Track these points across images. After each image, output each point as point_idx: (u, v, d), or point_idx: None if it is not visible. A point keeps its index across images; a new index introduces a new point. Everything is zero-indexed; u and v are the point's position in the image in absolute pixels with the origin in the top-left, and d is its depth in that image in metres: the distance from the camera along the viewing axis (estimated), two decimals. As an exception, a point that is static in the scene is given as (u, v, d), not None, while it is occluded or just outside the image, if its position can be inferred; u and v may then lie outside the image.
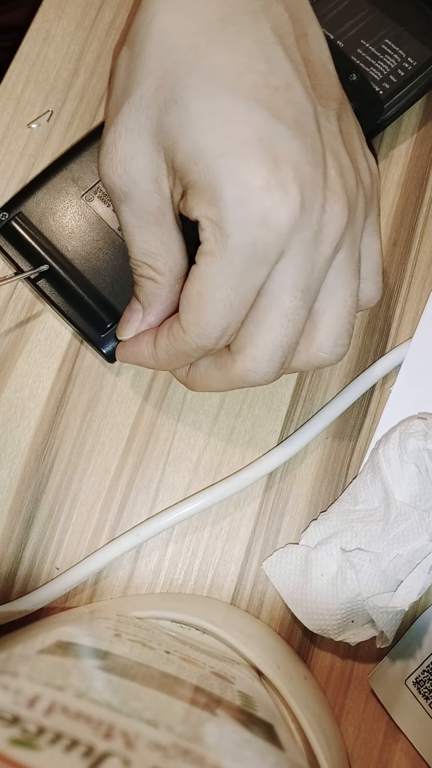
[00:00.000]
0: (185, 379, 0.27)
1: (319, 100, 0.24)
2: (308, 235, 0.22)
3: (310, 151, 0.22)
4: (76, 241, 0.31)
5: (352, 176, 0.24)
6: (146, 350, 0.27)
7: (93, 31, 0.35)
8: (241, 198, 0.21)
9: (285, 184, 0.21)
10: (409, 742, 0.29)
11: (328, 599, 0.29)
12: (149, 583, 0.31)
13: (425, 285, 0.34)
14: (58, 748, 0.14)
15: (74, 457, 0.31)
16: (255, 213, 0.21)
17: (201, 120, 0.22)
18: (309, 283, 0.23)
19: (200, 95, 0.22)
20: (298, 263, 0.23)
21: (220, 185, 0.21)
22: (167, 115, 0.22)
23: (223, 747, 0.17)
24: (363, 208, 0.25)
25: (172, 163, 0.23)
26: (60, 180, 0.31)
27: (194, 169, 0.22)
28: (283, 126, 0.22)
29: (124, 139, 0.24)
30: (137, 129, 0.23)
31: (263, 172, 0.21)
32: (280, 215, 0.21)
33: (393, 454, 0.30)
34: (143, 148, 0.23)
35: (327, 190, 0.23)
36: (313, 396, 0.32)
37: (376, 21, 0.34)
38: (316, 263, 0.23)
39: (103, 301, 0.30)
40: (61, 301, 0.31)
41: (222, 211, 0.22)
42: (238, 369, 0.24)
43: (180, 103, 0.22)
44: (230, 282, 0.22)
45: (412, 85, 0.33)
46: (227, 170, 0.21)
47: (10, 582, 0.30)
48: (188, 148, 0.22)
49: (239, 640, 0.27)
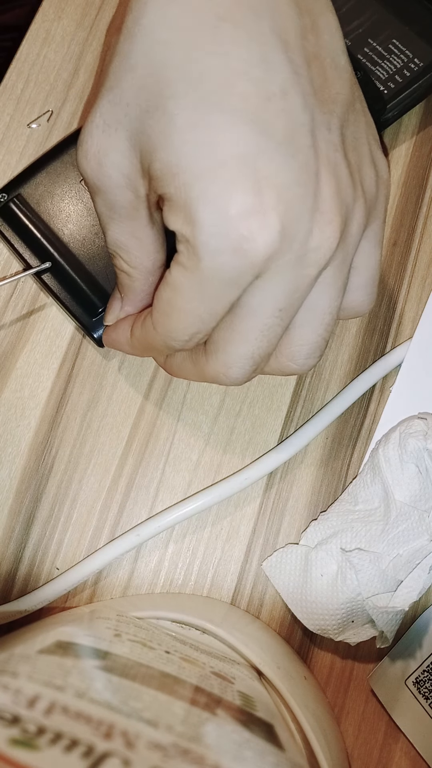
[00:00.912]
0: (163, 364, 0.28)
1: (320, 106, 0.22)
2: (290, 259, 0.21)
3: (299, 170, 0.21)
4: (72, 225, 0.31)
5: (350, 192, 0.23)
6: (123, 337, 0.27)
7: (93, 31, 0.35)
8: (216, 223, 0.20)
9: (265, 210, 0.20)
10: (409, 742, 0.29)
11: (328, 599, 0.29)
12: (149, 583, 0.31)
13: (425, 285, 0.34)
14: (58, 748, 0.14)
15: (74, 457, 0.31)
16: (230, 241, 0.20)
17: (183, 134, 0.21)
18: (289, 303, 0.23)
19: (185, 106, 0.21)
20: (278, 284, 0.22)
21: (195, 207, 0.20)
22: (149, 119, 0.21)
23: (223, 747, 0.17)
24: (362, 220, 0.23)
25: (149, 168, 0.22)
26: (60, 164, 0.31)
27: (172, 184, 0.21)
28: (271, 143, 0.20)
29: (100, 133, 0.23)
30: (114, 125, 0.22)
31: (242, 197, 0.20)
32: (256, 245, 0.20)
33: (393, 454, 0.30)
34: (118, 145, 0.23)
35: (317, 213, 0.22)
36: (313, 396, 0.32)
37: (383, 21, 0.34)
38: (299, 285, 0.22)
39: (96, 286, 0.30)
40: (54, 283, 0.31)
41: (196, 232, 0.21)
42: (210, 370, 0.25)
43: (163, 111, 0.21)
44: (200, 297, 0.22)
45: (417, 85, 0.33)
46: (204, 192, 0.20)
47: (10, 582, 0.30)
48: (167, 161, 0.21)
49: (239, 640, 0.27)
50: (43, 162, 0.32)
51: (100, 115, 0.23)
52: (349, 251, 0.23)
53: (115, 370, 0.32)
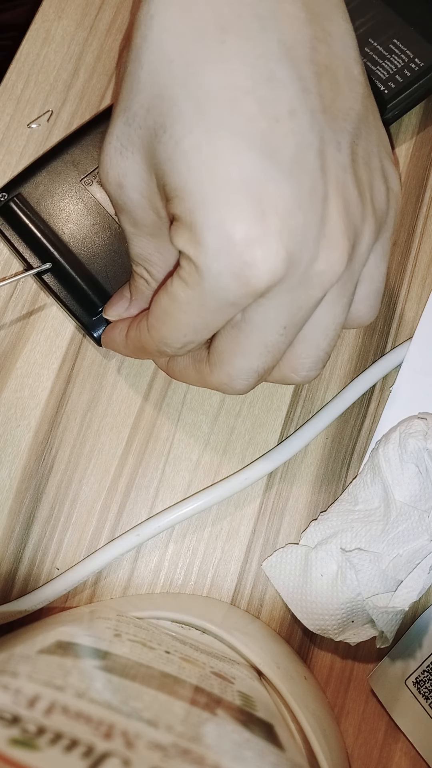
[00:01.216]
0: (165, 368, 0.28)
1: (331, 123, 0.21)
2: (295, 283, 0.21)
3: (306, 195, 0.21)
4: (73, 224, 0.31)
5: (359, 212, 0.22)
6: (119, 337, 0.28)
7: (93, 31, 0.35)
8: (219, 249, 0.20)
9: (269, 237, 0.20)
10: (409, 742, 0.29)
11: (328, 599, 0.29)
12: (149, 583, 0.31)
13: (425, 285, 0.34)
14: (58, 748, 0.14)
15: (74, 457, 0.31)
16: (232, 266, 0.20)
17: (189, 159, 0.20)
18: (293, 322, 0.23)
19: (190, 130, 0.20)
20: (282, 305, 0.22)
21: (201, 230, 0.21)
22: (157, 143, 0.21)
23: (223, 747, 0.17)
24: (371, 238, 0.23)
25: (164, 189, 0.22)
26: (60, 164, 0.31)
27: (180, 206, 0.21)
28: (277, 167, 0.20)
29: (118, 155, 0.23)
30: (130, 147, 0.23)
31: (246, 224, 0.20)
32: (259, 272, 0.20)
33: (393, 454, 0.30)
34: (135, 167, 0.23)
35: (323, 238, 0.21)
36: (313, 396, 0.32)
37: (385, 20, 0.34)
38: (303, 305, 0.22)
39: (96, 285, 0.30)
40: (54, 283, 0.31)
41: (200, 255, 0.21)
42: (213, 379, 0.25)
43: (170, 135, 0.21)
44: (197, 311, 0.22)
45: (417, 86, 0.33)
46: (209, 217, 0.20)
47: (10, 582, 0.30)
48: (176, 185, 0.21)
49: (239, 640, 0.27)
50: (43, 162, 0.32)
51: (117, 138, 0.23)
52: (356, 270, 0.23)
53: (115, 371, 0.32)
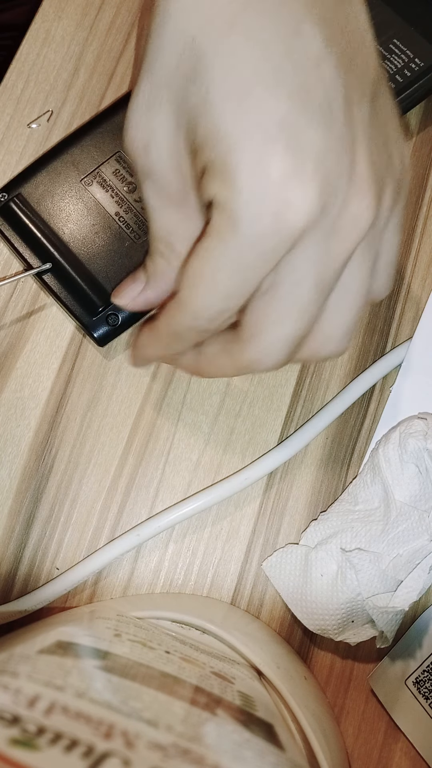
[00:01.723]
0: (195, 365, 0.27)
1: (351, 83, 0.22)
2: (328, 230, 0.21)
3: (337, 140, 0.21)
4: (73, 224, 0.31)
5: (383, 164, 0.23)
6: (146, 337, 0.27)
7: (93, 31, 0.35)
8: (256, 188, 0.20)
9: (305, 176, 0.20)
10: (409, 742, 0.29)
11: (328, 599, 0.29)
12: (149, 583, 0.31)
13: (425, 285, 0.34)
14: (58, 748, 0.14)
15: (74, 457, 0.31)
16: (269, 206, 0.20)
17: (224, 100, 0.21)
18: (325, 278, 0.23)
19: (225, 73, 0.21)
20: (315, 257, 0.22)
21: (237, 170, 0.21)
22: (191, 86, 0.21)
23: (223, 747, 0.17)
24: (392, 196, 0.23)
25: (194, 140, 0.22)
26: (60, 164, 0.32)
27: (214, 149, 0.21)
28: (310, 111, 0.21)
29: (144, 115, 0.23)
30: (157, 104, 0.23)
31: (283, 162, 0.20)
32: (296, 210, 0.20)
33: (393, 454, 0.30)
34: (163, 123, 0.23)
35: (353, 184, 0.22)
36: (313, 396, 0.32)
37: (385, 20, 0.34)
38: (336, 258, 0.22)
39: (96, 285, 0.30)
40: (54, 282, 0.31)
41: (236, 197, 0.21)
42: (247, 357, 0.24)
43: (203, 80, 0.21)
44: (232, 267, 0.22)
45: (417, 86, 0.33)
46: (246, 156, 0.20)
47: (10, 582, 0.30)
48: (210, 128, 0.21)
49: (239, 640, 0.27)
50: (43, 162, 0.32)
51: (142, 96, 0.23)
52: (380, 229, 0.23)
53: (115, 370, 0.32)
